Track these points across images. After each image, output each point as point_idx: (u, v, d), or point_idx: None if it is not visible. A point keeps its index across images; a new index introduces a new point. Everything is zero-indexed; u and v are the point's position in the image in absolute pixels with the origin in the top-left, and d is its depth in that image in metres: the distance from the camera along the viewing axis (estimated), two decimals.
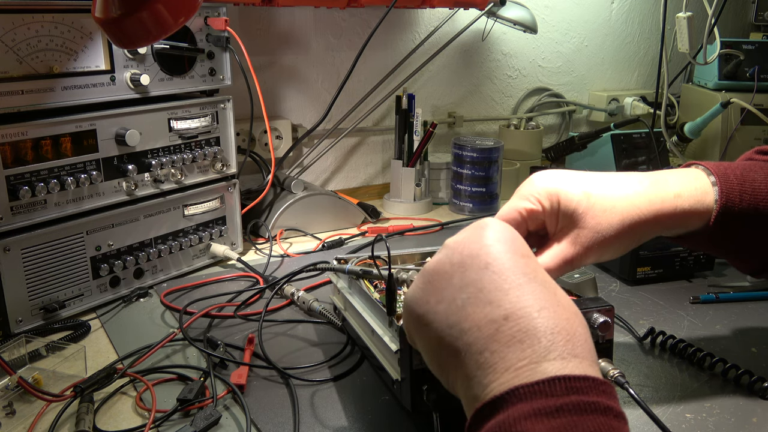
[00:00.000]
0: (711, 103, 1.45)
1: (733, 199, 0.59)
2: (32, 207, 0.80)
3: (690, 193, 0.59)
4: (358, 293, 0.73)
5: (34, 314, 0.82)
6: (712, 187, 0.60)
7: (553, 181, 0.58)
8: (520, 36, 1.57)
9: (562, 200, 0.57)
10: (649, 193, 0.58)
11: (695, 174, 0.61)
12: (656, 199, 0.58)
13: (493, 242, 0.47)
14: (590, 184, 0.58)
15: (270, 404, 0.67)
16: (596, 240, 0.56)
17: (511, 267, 0.45)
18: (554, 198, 0.57)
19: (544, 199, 0.57)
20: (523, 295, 0.43)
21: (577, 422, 0.36)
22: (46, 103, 0.80)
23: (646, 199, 0.57)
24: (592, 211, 0.56)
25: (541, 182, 0.58)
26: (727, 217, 0.59)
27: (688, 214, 0.59)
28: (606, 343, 0.57)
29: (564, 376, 0.39)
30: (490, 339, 0.42)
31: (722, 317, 0.86)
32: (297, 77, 1.36)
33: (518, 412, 0.38)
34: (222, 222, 1.04)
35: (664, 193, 0.58)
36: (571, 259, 0.57)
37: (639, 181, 0.59)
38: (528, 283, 0.44)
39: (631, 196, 0.57)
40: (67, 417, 0.65)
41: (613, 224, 0.56)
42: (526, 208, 0.58)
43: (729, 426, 0.63)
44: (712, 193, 0.59)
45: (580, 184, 0.57)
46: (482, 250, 0.46)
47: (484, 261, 0.46)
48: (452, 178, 1.34)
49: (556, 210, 0.57)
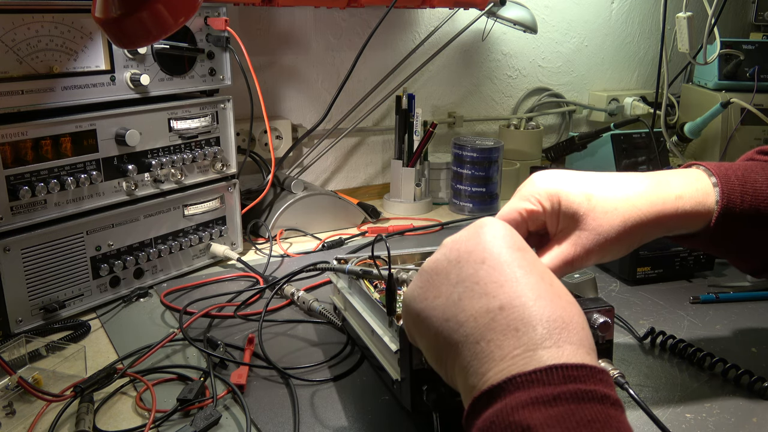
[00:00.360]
0: (711, 103, 1.45)
1: (734, 200, 0.59)
2: (32, 207, 0.80)
3: (691, 195, 0.59)
4: (358, 293, 0.73)
5: (34, 314, 0.82)
6: (713, 188, 0.60)
7: (555, 181, 0.58)
8: (520, 36, 1.57)
9: (563, 201, 0.57)
10: (651, 194, 0.58)
11: (696, 175, 0.61)
12: (657, 200, 0.58)
13: (490, 239, 0.47)
14: (592, 185, 0.58)
15: (270, 404, 0.67)
16: (597, 241, 0.56)
17: (507, 261, 0.45)
18: (555, 199, 0.57)
19: (544, 199, 0.57)
20: (518, 286, 0.43)
21: (575, 410, 0.37)
22: (46, 103, 0.80)
23: (648, 200, 0.57)
24: (594, 212, 0.56)
25: (542, 183, 0.58)
26: (728, 218, 0.59)
27: (689, 216, 0.59)
28: (606, 344, 0.57)
29: (561, 364, 0.39)
30: (486, 328, 0.42)
31: (722, 317, 0.86)
32: (297, 77, 1.36)
33: (516, 400, 0.38)
34: (222, 222, 1.04)
35: (666, 194, 0.58)
36: (572, 260, 0.57)
37: (640, 182, 0.59)
38: (524, 275, 0.44)
39: (632, 197, 0.57)
40: (67, 417, 0.65)
41: (615, 226, 0.56)
42: (527, 209, 0.58)
43: (729, 426, 0.63)
44: (713, 194, 0.59)
45: (581, 185, 0.57)
46: (479, 246, 0.47)
47: (480, 256, 0.46)
48: (452, 178, 1.34)
49: (557, 211, 0.57)
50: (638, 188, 0.58)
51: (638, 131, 1.48)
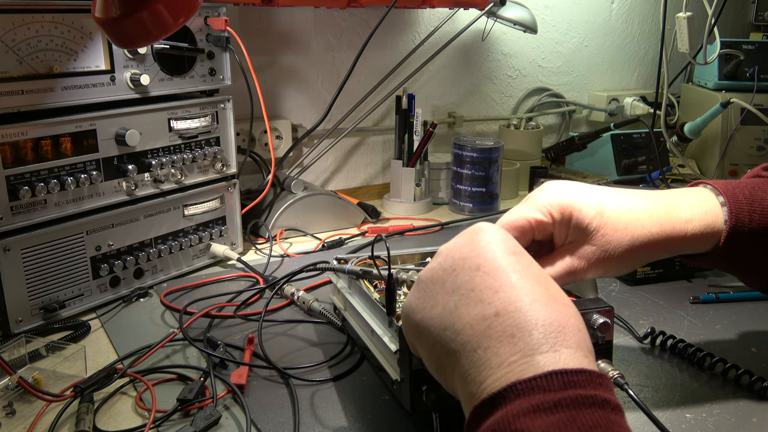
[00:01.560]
0: (711, 103, 1.45)
1: (742, 219, 0.60)
2: (32, 207, 0.80)
3: (700, 218, 0.59)
4: (358, 293, 0.73)
5: (34, 314, 0.82)
6: (721, 207, 0.60)
7: (567, 194, 0.58)
8: (520, 36, 1.57)
9: (575, 215, 0.58)
10: (661, 217, 0.59)
11: (705, 196, 0.61)
12: (667, 223, 0.58)
13: (485, 244, 0.47)
14: (604, 201, 0.58)
15: (270, 404, 0.67)
16: (603, 257, 0.57)
17: (501, 266, 0.45)
18: (566, 211, 0.58)
19: (555, 211, 0.58)
20: (513, 291, 0.43)
21: (576, 416, 0.37)
22: (46, 103, 0.80)
23: (658, 222, 0.58)
24: (604, 229, 0.57)
25: (555, 194, 0.59)
26: (736, 237, 0.60)
27: (697, 238, 0.59)
28: (606, 344, 0.57)
29: (560, 370, 0.39)
30: (483, 336, 0.42)
31: (722, 317, 0.86)
32: (297, 77, 1.36)
33: (516, 408, 0.38)
34: (222, 222, 1.04)
35: (676, 218, 0.59)
36: (575, 272, 0.58)
37: (651, 203, 0.60)
38: (519, 279, 0.44)
39: (642, 218, 0.58)
40: (67, 417, 0.65)
41: (623, 244, 0.57)
42: (537, 218, 0.58)
43: (729, 426, 0.63)
44: (721, 214, 0.60)
45: (594, 200, 0.58)
46: (473, 252, 0.47)
47: (475, 263, 0.46)
48: (452, 178, 1.34)
49: (567, 222, 0.58)
50: (648, 208, 0.59)
51: (638, 131, 1.48)
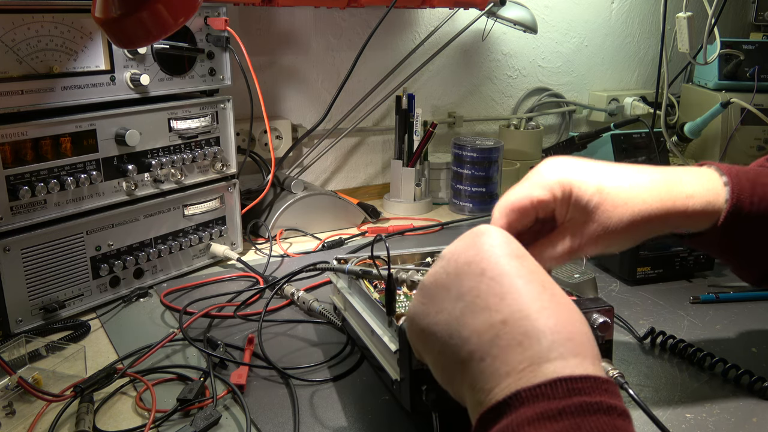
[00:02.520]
0: (711, 103, 1.45)
1: (743, 200, 0.59)
2: (32, 207, 0.80)
3: (702, 195, 0.59)
4: (358, 293, 0.73)
5: (34, 314, 0.82)
6: (724, 186, 0.60)
7: (567, 171, 0.58)
8: (520, 36, 1.57)
9: (574, 191, 0.57)
10: (662, 191, 0.58)
11: (708, 174, 0.61)
12: (668, 198, 0.58)
13: (488, 248, 0.46)
14: (604, 176, 0.57)
15: (270, 404, 0.67)
16: (604, 233, 0.56)
17: (507, 271, 0.44)
18: (567, 188, 0.57)
19: (556, 189, 0.57)
20: (520, 297, 0.43)
21: (581, 424, 0.36)
22: (46, 103, 0.80)
23: (658, 197, 0.57)
24: (604, 205, 0.56)
25: (555, 172, 0.58)
26: (736, 218, 0.59)
27: (698, 215, 0.59)
28: (606, 344, 0.57)
29: (565, 377, 0.38)
30: (491, 344, 0.42)
31: (722, 317, 0.86)
32: (297, 77, 1.36)
33: (521, 416, 0.37)
34: (222, 222, 1.04)
35: (677, 192, 0.58)
36: (577, 250, 0.57)
37: (652, 177, 0.59)
38: (525, 285, 0.44)
39: (643, 193, 0.57)
40: (67, 417, 0.65)
41: (623, 220, 0.56)
42: (539, 197, 0.57)
43: (729, 426, 0.63)
44: (723, 193, 0.59)
45: (594, 177, 0.57)
46: (477, 256, 0.46)
47: (480, 267, 0.45)
48: (452, 178, 1.34)
49: (567, 199, 0.57)
50: (649, 184, 0.58)
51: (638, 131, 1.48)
